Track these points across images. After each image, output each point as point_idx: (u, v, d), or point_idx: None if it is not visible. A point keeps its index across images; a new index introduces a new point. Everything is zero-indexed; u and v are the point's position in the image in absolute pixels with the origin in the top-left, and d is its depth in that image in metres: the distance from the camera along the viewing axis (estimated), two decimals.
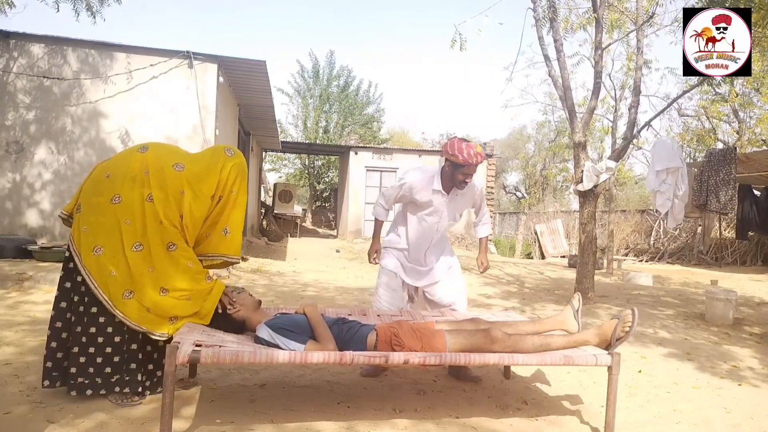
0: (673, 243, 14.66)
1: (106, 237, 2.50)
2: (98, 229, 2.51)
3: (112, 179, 2.56)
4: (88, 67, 7.42)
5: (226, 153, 2.74)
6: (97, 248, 2.49)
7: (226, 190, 2.69)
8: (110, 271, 2.48)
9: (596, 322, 5.17)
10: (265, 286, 6.55)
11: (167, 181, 2.55)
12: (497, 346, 2.57)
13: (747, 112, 15.39)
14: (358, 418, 2.57)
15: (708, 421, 2.88)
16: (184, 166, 2.62)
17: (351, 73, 23.54)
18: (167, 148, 2.81)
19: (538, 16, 6.62)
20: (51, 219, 7.33)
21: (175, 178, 2.57)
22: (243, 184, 2.76)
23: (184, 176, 2.59)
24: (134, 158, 2.61)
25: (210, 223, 2.73)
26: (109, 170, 2.60)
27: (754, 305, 6.66)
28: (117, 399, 2.55)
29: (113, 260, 2.49)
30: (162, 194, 2.54)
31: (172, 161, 2.62)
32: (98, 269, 2.48)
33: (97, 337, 2.50)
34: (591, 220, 6.41)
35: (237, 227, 2.77)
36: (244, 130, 11.77)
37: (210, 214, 2.70)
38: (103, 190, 2.55)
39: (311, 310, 2.68)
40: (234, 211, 2.74)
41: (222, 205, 2.71)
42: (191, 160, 2.71)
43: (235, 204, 2.73)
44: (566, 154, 22.34)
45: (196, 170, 2.64)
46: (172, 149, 2.80)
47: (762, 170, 9.96)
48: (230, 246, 2.76)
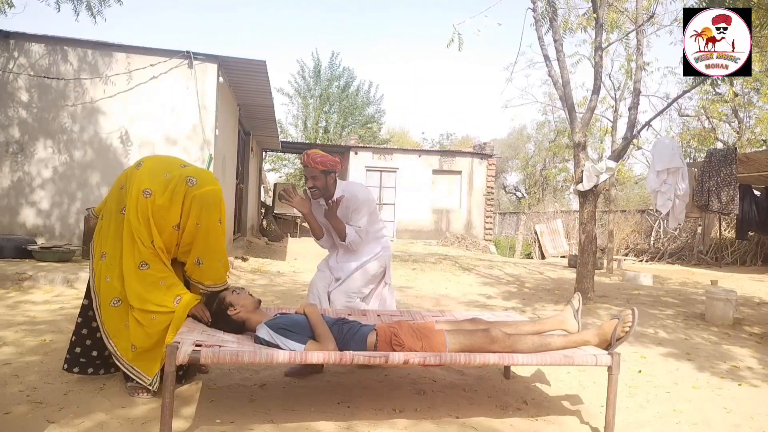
0: (673, 243, 14.66)
1: (112, 245, 2.67)
2: (107, 236, 2.70)
3: (123, 191, 2.69)
4: (88, 66, 7.42)
5: (187, 183, 2.60)
6: (104, 254, 2.69)
7: (190, 222, 2.60)
8: (106, 277, 2.65)
9: (596, 322, 5.17)
10: (264, 286, 6.55)
11: (139, 206, 2.58)
12: (497, 345, 2.57)
13: (747, 112, 15.40)
14: (358, 418, 2.57)
15: (708, 421, 2.88)
16: (151, 193, 2.58)
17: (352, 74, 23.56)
18: (154, 165, 2.72)
19: (537, 16, 6.63)
20: (50, 218, 7.33)
21: (143, 204, 2.57)
22: (212, 213, 2.63)
23: (149, 205, 2.57)
24: (131, 174, 2.68)
25: (183, 250, 2.70)
26: (123, 182, 2.73)
27: (754, 305, 6.66)
28: (130, 390, 2.67)
29: (111, 267, 2.65)
30: (135, 217, 2.58)
31: (144, 186, 2.59)
32: (99, 274, 2.68)
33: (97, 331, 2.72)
34: (591, 220, 6.41)
35: (210, 257, 2.70)
36: (244, 130, 11.77)
37: (180, 242, 2.67)
38: (118, 199, 2.71)
39: (311, 310, 2.68)
40: (205, 242, 2.65)
41: (189, 235, 2.63)
42: (161, 186, 2.61)
43: (206, 235, 2.63)
44: (566, 154, 22.35)
45: (159, 202, 2.58)
46: (157, 167, 2.70)
47: (762, 170, 9.96)
48: (204, 275, 2.73)
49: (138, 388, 2.67)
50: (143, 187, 2.59)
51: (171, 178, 2.64)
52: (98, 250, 2.71)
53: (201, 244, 2.65)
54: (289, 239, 14.89)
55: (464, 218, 17.30)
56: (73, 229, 7.35)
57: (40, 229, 7.31)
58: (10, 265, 5.88)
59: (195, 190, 2.60)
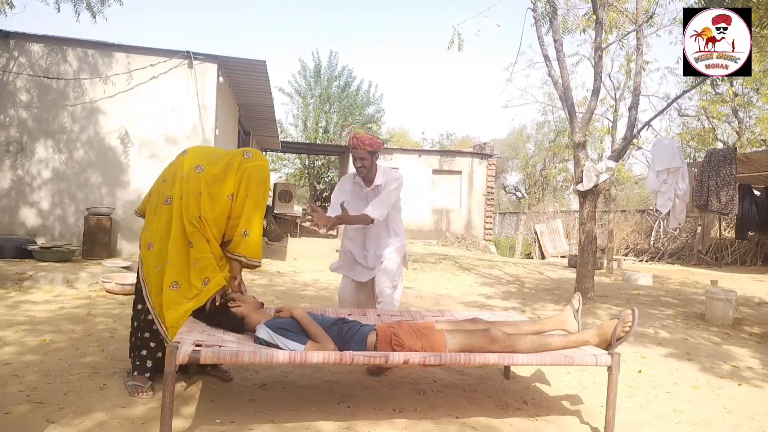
0: (672, 243, 14.66)
1: (160, 236, 2.78)
2: (154, 228, 2.82)
3: (166, 183, 2.84)
4: (88, 66, 7.42)
5: (244, 155, 2.83)
6: (150, 245, 2.81)
7: (241, 191, 2.78)
8: (156, 266, 2.76)
9: (596, 322, 5.17)
10: (264, 286, 6.54)
11: (190, 182, 2.74)
12: (497, 345, 2.57)
13: (747, 112, 15.40)
14: (357, 418, 2.57)
15: (708, 421, 2.88)
16: (204, 168, 2.78)
17: (351, 73, 23.54)
18: (200, 150, 2.97)
19: (537, 16, 6.62)
20: (50, 218, 7.34)
21: (195, 179, 2.75)
22: (260, 187, 2.81)
23: (203, 177, 2.76)
24: (177, 162, 2.88)
25: (233, 224, 2.83)
26: (165, 175, 2.90)
27: (754, 305, 6.66)
28: (131, 389, 2.69)
29: (160, 257, 2.76)
30: (186, 194, 2.74)
31: (195, 163, 2.80)
32: (147, 263, 2.80)
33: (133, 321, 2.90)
34: (591, 220, 6.41)
35: (257, 229, 2.84)
36: (244, 130, 11.77)
37: (231, 214, 2.81)
38: (161, 192, 2.85)
39: (299, 313, 2.66)
40: (253, 214, 2.81)
41: (239, 206, 2.79)
42: (212, 161, 2.83)
43: (255, 206, 2.80)
44: (566, 154, 22.35)
45: (215, 171, 2.78)
46: (203, 151, 2.95)
47: (762, 170, 9.95)
48: (249, 248, 2.82)
49: (138, 387, 2.68)
50: (195, 164, 2.78)
51: (224, 153, 2.90)
52: (144, 241, 2.84)
53: (249, 214, 2.79)
54: (289, 239, 14.88)
55: (464, 218, 17.29)
56: (73, 229, 7.35)
57: (40, 229, 7.31)
58: (10, 265, 5.88)
59: (249, 162, 2.80)
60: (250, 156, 2.83)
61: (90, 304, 4.77)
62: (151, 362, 2.77)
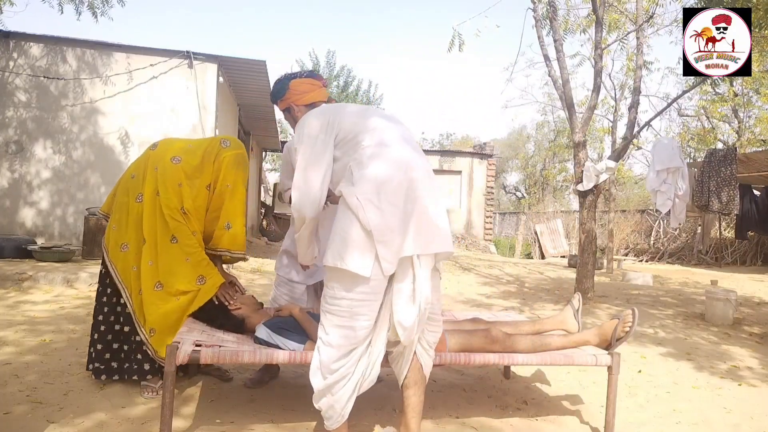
0: (672, 243, 14.66)
1: (133, 235, 2.66)
2: (125, 228, 2.69)
3: (136, 179, 2.72)
4: (88, 67, 7.42)
5: (221, 144, 2.76)
6: (124, 245, 2.67)
7: (220, 181, 2.71)
8: (132, 266, 2.64)
9: (596, 322, 5.17)
10: (264, 286, 6.54)
11: (167, 175, 2.65)
12: (497, 345, 2.57)
13: (747, 112, 15.39)
14: (357, 418, 2.57)
15: (708, 421, 2.88)
16: (181, 159, 2.70)
17: (351, 73, 23.55)
18: (172, 142, 2.87)
19: (538, 17, 6.63)
20: (50, 218, 7.33)
21: (173, 170, 2.66)
22: (239, 175, 2.74)
23: (182, 168, 2.68)
24: (146, 156, 2.77)
25: (211, 217, 2.75)
26: (134, 171, 2.77)
27: (754, 305, 6.66)
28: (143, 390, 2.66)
29: (136, 258, 2.63)
30: (163, 188, 2.63)
31: (171, 155, 2.71)
32: (123, 265, 2.66)
33: (115, 325, 2.72)
34: (591, 220, 6.41)
35: (239, 220, 2.76)
36: (244, 130, 11.76)
37: (210, 207, 2.73)
38: (129, 189, 2.73)
39: (298, 312, 2.65)
40: (233, 204, 2.73)
41: (219, 197, 2.72)
42: (189, 151, 2.75)
43: (233, 196, 2.72)
44: (566, 154, 22.33)
45: (193, 162, 2.70)
46: (177, 143, 2.86)
47: (762, 170, 9.96)
48: (232, 241, 2.75)
49: (148, 387, 2.67)
50: (170, 156, 2.69)
51: (200, 142, 2.82)
52: (114, 242, 2.69)
53: (230, 205, 2.72)
54: None
55: (464, 218, 17.29)
56: (73, 229, 7.35)
57: (40, 229, 7.31)
58: (10, 265, 5.88)
59: (227, 151, 2.73)
60: (228, 144, 2.75)
61: (90, 304, 4.75)
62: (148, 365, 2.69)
